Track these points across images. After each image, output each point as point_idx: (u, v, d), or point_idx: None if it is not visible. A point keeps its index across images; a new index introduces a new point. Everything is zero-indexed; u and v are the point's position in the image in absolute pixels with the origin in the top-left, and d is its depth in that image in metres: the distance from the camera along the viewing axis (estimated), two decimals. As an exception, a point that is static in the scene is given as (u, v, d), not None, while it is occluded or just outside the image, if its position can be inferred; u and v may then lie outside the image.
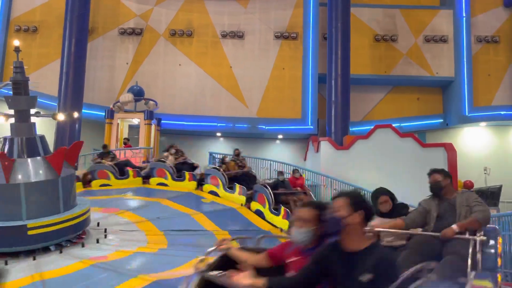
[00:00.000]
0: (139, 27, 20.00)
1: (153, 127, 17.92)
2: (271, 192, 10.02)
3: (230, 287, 2.31)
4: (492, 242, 3.57)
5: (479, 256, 3.28)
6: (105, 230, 7.38)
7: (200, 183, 11.74)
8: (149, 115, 17.39)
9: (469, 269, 3.14)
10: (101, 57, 19.86)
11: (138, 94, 18.11)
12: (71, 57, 17.64)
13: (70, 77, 17.55)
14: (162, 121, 18.69)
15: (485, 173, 18.70)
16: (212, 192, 11.30)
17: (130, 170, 11.97)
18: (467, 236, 3.43)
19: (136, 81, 18.96)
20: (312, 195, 11.48)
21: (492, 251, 3.42)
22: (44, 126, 18.40)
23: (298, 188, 11.60)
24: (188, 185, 11.59)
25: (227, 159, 13.03)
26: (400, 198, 5.17)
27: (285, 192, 10.86)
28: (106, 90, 19.60)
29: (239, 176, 11.74)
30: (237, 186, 10.90)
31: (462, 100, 19.62)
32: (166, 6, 20.14)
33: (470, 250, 3.25)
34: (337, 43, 17.70)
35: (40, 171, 6.91)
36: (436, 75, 20.09)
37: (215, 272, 2.58)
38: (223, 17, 20.14)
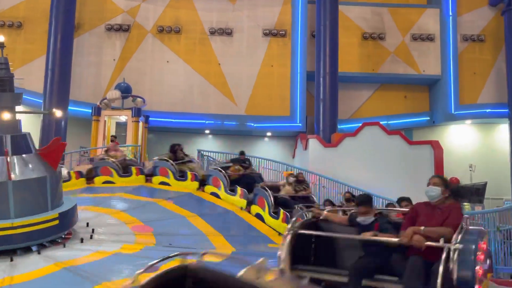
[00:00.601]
0: (126, 23, 19.79)
1: (140, 124, 17.77)
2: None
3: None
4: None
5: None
6: (93, 230, 7.29)
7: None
8: (137, 112, 17.24)
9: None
10: (88, 54, 19.61)
11: (126, 91, 17.93)
12: (56, 53, 17.39)
13: (56, 73, 17.30)
14: (150, 118, 18.55)
15: (470, 170, 18.96)
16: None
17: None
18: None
19: (124, 78, 18.77)
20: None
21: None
22: (29, 124, 18.16)
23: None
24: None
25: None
26: (387, 195, 5.23)
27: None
28: (92, 87, 19.37)
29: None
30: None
31: (448, 98, 19.87)
32: (154, 2, 19.96)
33: (443, 257, 2.90)
34: (325, 41, 17.77)
35: (28, 169, 6.80)
36: (423, 73, 20.30)
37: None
38: (211, 14, 20.05)
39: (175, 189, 11.16)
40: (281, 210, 9.29)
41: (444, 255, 2.94)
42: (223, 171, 11.35)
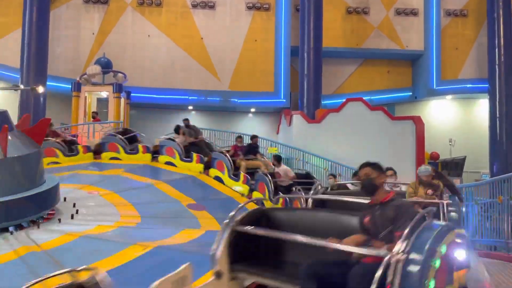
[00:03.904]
0: (105, -4, 19.16)
1: (122, 100, 17.46)
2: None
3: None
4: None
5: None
6: (77, 211, 7.19)
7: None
8: (118, 88, 16.90)
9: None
10: (65, 27, 19.00)
11: (106, 66, 17.52)
12: (32, 27, 16.79)
13: (32, 47, 16.75)
14: (132, 94, 18.23)
15: (450, 144, 19.36)
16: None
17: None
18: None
19: (104, 52, 18.30)
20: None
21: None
22: (5, 100, 17.68)
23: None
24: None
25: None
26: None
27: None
28: (71, 62, 18.85)
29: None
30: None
31: (430, 74, 20.06)
32: (133, -26, 19.33)
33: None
34: (309, 15, 17.56)
35: (13, 146, 6.62)
36: (406, 49, 20.37)
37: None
38: (193, -14, 19.55)
39: (126, 162, 11.15)
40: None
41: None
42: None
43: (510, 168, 15.64)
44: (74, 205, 7.41)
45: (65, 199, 7.66)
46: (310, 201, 4.54)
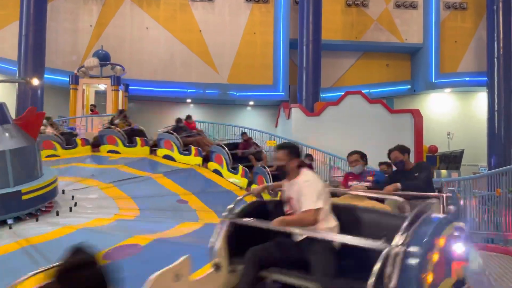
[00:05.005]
0: (103, -12, 19.02)
1: (120, 93, 17.41)
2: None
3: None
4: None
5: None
6: (75, 204, 7.19)
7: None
8: (116, 81, 16.84)
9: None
10: (63, 19, 18.87)
11: (104, 58, 17.44)
12: (30, 19, 16.68)
13: (30, 40, 16.65)
14: (130, 87, 18.17)
15: (448, 137, 19.37)
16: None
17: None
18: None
19: (102, 45, 18.21)
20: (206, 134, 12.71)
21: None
22: (3, 93, 17.60)
23: (194, 131, 12.65)
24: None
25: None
26: (368, 163, 5.37)
27: (188, 134, 11.82)
28: (69, 54, 18.76)
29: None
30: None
31: (429, 67, 20.02)
32: (131, -35, 19.18)
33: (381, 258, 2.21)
34: (308, 8, 17.46)
35: (6, 139, 6.61)
36: (405, 42, 20.31)
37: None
38: (192, -22, 19.42)
39: (125, 156, 11.14)
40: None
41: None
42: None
43: (508, 161, 15.68)
44: (72, 198, 7.42)
45: (63, 191, 7.67)
46: None
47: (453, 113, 20.93)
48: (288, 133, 16.14)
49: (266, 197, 3.66)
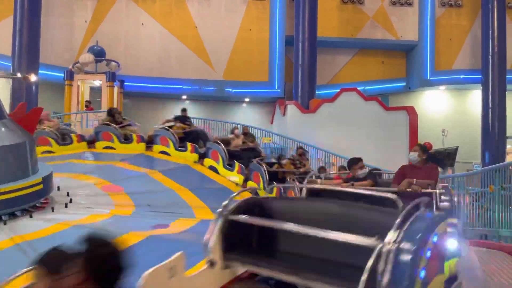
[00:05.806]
0: (98, -17, 18.90)
1: (115, 89, 17.32)
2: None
3: None
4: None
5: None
6: (71, 200, 7.17)
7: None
8: (111, 77, 16.76)
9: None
10: (58, 14, 18.74)
11: (99, 54, 17.34)
12: (24, 13, 16.55)
13: (24, 35, 16.53)
14: (125, 83, 18.09)
15: (443, 135, 19.46)
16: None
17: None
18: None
19: (97, 40, 18.11)
20: None
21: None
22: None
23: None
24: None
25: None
26: (363, 160, 5.41)
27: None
28: (64, 50, 18.64)
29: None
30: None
31: (424, 64, 20.09)
32: (127, -39, 19.07)
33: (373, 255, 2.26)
34: (304, 5, 17.46)
35: (4, 134, 6.57)
36: (401, 39, 20.36)
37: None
38: (188, -26, 19.33)
39: (122, 152, 11.09)
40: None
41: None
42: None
43: (502, 158, 15.82)
44: (68, 194, 7.39)
45: (58, 188, 7.64)
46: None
47: (447, 111, 21.04)
48: (283, 130, 16.17)
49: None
